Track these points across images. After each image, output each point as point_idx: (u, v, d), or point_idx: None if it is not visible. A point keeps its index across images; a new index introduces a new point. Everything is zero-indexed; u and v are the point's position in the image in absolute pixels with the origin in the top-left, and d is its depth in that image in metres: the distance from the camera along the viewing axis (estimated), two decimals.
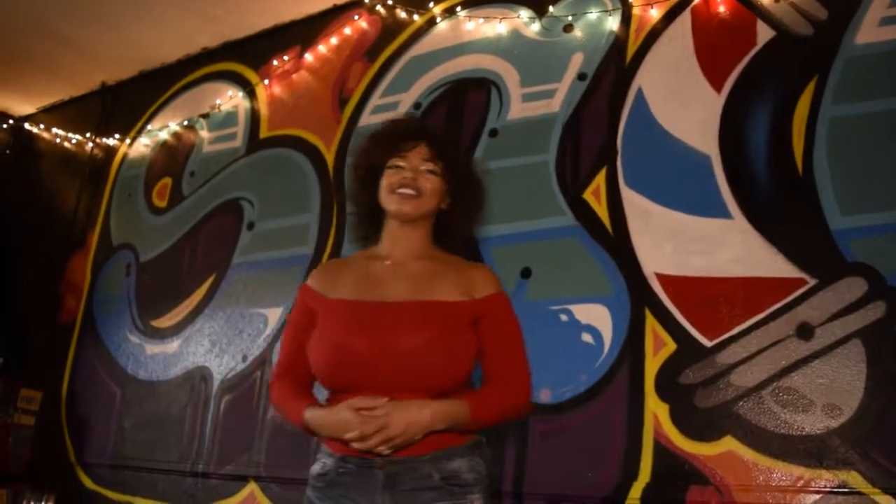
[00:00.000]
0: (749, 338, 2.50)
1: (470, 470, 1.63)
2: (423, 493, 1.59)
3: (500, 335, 1.74)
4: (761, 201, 2.65)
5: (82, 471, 4.14)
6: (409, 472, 1.60)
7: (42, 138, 5.55)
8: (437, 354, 1.63)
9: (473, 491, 1.62)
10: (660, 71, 3.00)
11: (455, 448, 1.63)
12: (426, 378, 1.62)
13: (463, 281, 1.75)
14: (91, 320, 4.54)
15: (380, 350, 1.62)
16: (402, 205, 1.77)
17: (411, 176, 1.78)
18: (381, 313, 1.68)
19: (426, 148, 1.81)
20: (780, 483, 2.32)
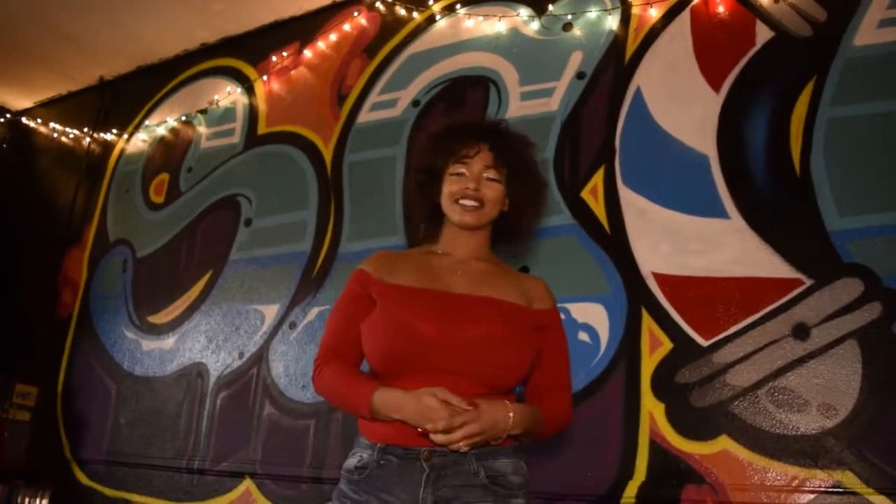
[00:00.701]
0: (745, 337, 2.51)
1: (515, 472, 1.61)
2: (468, 490, 1.55)
3: (557, 350, 1.75)
4: (759, 202, 2.65)
5: (78, 467, 4.14)
6: (453, 466, 1.55)
7: (39, 133, 5.54)
8: (502, 348, 1.61)
9: (518, 495, 1.59)
10: (659, 70, 3.00)
11: (501, 448, 1.60)
12: (490, 369, 1.59)
13: (523, 289, 1.76)
14: (87, 316, 4.53)
15: (447, 335, 1.59)
16: (464, 215, 1.74)
17: (474, 186, 1.73)
18: (448, 302, 1.66)
19: (489, 153, 1.76)
20: (776, 482, 2.33)
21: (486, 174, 1.75)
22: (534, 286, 1.78)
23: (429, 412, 1.50)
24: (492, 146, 1.76)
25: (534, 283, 1.80)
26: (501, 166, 1.75)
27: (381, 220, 3.48)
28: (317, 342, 3.43)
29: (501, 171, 1.75)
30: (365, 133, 3.73)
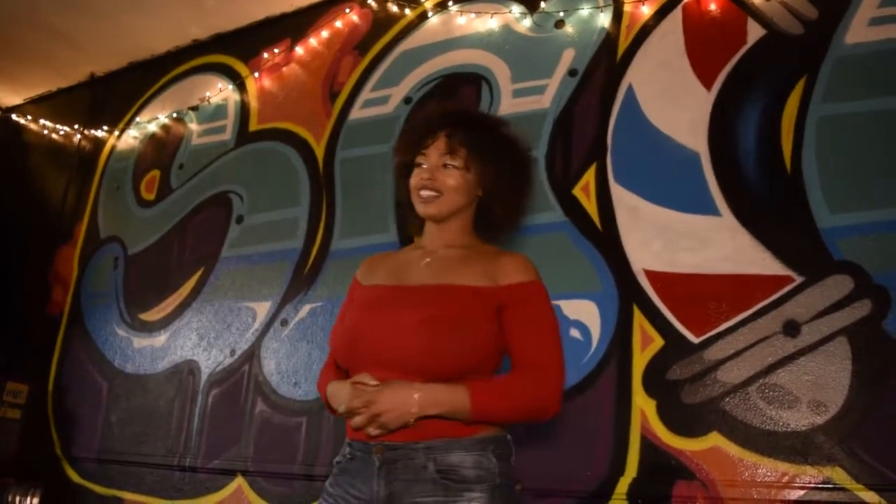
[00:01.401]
0: (736, 334, 2.51)
1: (474, 466, 1.51)
2: (417, 484, 1.50)
3: (526, 324, 1.60)
4: (750, 199, 2.66)
5: (69, 465, 4.12)
6: (404, 460, 1.52)
7: (29, 130, 5.51)
8: (435, 333, 1.54)
9: (473, 489, 1.49)
10: (650, 68, 3.01)
11: (456, 440, 1.52)
12: (427, 358, 1.53)
13: (491, 268, 1.65)
14: (78, 313, 4.52)
15: (384, 328, 1.59)
16: (425, 207, 1.72)
17: (428, 176, 1.70)
18: (397, 295, 1.66)
19: (444, 140, 1.71)
20: (766, 479, 2.34)
21: (443, 161, 1.71)
22: (505, 262, 1.67)
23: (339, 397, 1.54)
24: (449, 133, 1.72)
25: (507, 260, 1.68)
26: (461, 152, 1.70)
27: (373, 217, 3.47)
28: (308, 339, 3.44)
29: (461, 156, 1.70)
30: (357, 130, 3.72)
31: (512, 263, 1.66)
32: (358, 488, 1.55)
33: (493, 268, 1.65)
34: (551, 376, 1.58)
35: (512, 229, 1.82)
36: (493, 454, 1.54)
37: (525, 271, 1.65)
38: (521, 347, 1.60)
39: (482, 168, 1.71)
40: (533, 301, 1.63)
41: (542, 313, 1.63)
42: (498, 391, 1.55)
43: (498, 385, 1.56)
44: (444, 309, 1.58)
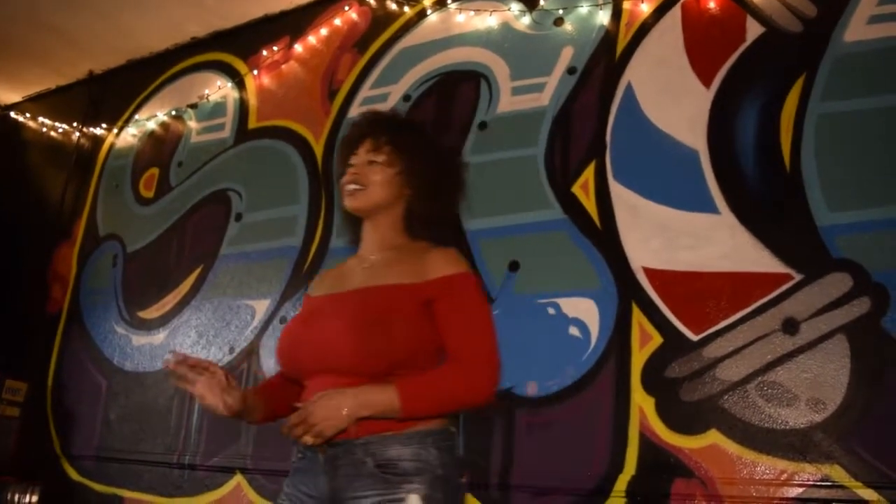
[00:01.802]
0: (735, 332, 2.52)
1: (413, 458, 1.54)
2: (358, 479, 1.54)
3: (454, 316, 1.63)
4: (749, 197, 2.66)
5: (68, 462, 4.12)
6: (345, 456, 1.56)
7: (28, 127, 5.50)
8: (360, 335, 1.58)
9: (412, 481, 1.52)
10: (649, 66, 3.01)
11: (393, 435, 1.55)
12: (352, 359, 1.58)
13: (420, 264, 1.68)
14: (77, 311, 4.52)
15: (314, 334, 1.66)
16: (349, 200, 1.76)
17: (354, 171, 1.76)
18: (330, 302, 1.72)
19: (371, 140, 1.77)
20: (764, 476, 2.34)
21: (369, 158, 1.75)
22: (433, 257, 1.68)
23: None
24: (374, 133, 1.78)
25: (434, 254, 1.69)
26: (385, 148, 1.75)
27: None
28: None
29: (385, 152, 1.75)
30: None
31: (439, 257, 1.68)
32: (307, 485, 1.62)
33: (421, 264, 1.68)
34: (480, 365, 1.61)
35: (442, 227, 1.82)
36: (432, 446, 1.57)
37: (452, 264, 1.67)
38: (451, 339, 1.62)
39: (407, 164, 1.75)
40: (460, 292, 1.65)
41: (471, 303, 1.65)
42: (426, 386, 1.58)
43: (427, 380, 1.59)
44: (369, 310, 1.62)
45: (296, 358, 1.69)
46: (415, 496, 1.50)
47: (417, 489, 1.51)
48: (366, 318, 1.60)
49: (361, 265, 1.78)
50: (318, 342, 1.63)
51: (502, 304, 2.97)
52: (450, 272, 1.65)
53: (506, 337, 2.92)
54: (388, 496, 1.51)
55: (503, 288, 2.99)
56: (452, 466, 1.59)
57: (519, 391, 2.82)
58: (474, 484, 2.79)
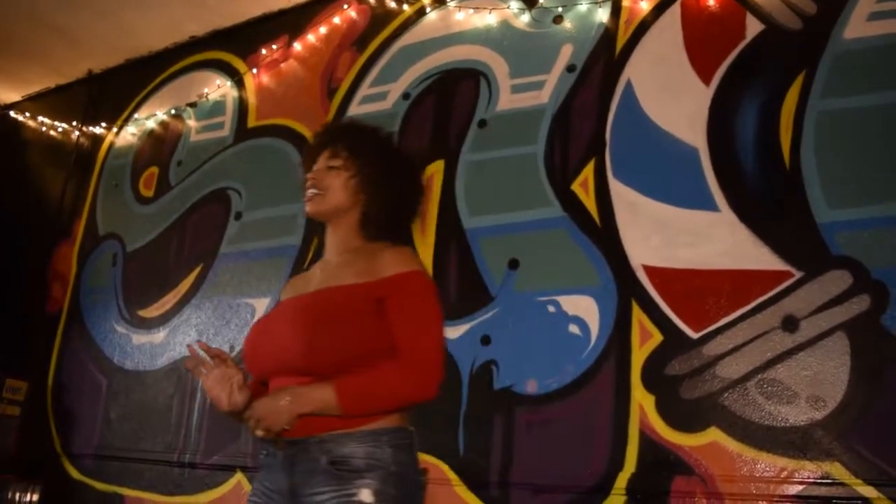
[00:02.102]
0: (735, 330, 2.52)
1: (367, 456, 1.59)
2: (314, 476, 1.60)
3: (402, 314, 1.67)
4: (749, 194, 2.66)
5: (68, 461, 4.13)
6: (302, 454, 1.62)
7: (27, 126, 5.50)
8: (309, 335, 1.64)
9: (364, 476, 1.56)
10: (649, 63, 3.00)
11: (347, 433, 1.61)
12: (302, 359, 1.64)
13: (373, 264, 1.73)
14: (77, 310, 4.52)
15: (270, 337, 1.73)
16: (308, 205, 1.82)
17: (313, 176, 1.82)
18: (288, 306, 1.78)
19: (330, 148, 1.84)
20: (765, 474, 2.34)
21: (328, 164, 1.82)
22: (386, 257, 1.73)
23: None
24: (333, 140, 1.85)
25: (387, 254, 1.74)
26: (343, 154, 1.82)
27: None
28: None
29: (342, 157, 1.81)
30: None
31: (391, 257, 1.72)
32: (270, 481, 1.68)
33: (374, 264, 1.72)
34: (422, 363, 1.64)
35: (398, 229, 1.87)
36: (387, 444, 1.62)
37: (404, 263, 1.71)
38: (398, 336, 1.66)
39: (362, 168, 1.81)
40: (409, 291, 1.69)
41: (419, 302, 1.70)
42: (366, 384, 1.62)
43: (367, 378, 1.62)
44: (321, 311, 1.68)
45: (257, 360, 1.76)
46: (367, 490, 1.55)
47: (369, 484, 1.56)
48: (317, 319, 1.66)
49: (322, 269, 1.84)
50: (274, 344, 1.70)
51: (502, 302, 2.97)
52: (401, 270, 1.70)
53: (505, 335, 2.94)
54: (341, 491, 1.55)
55: (503, 286, 2.99)
56: (409, 464, 1.64)
57: (519, 389, 2.83)
58: (474, 482, 2.80)
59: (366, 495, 1.54)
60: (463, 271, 3.12)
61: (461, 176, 3.28)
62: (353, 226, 1.84)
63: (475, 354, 2.95)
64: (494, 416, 2.84)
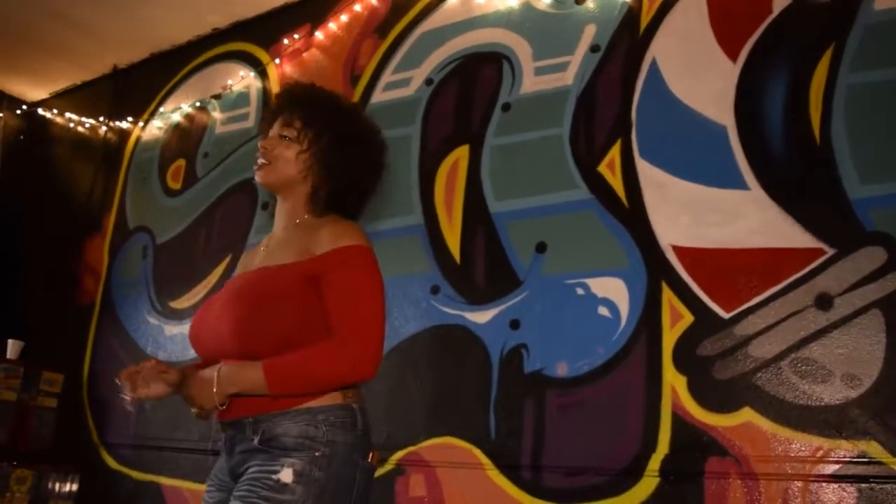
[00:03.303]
0: (767, 309, 2.49)
1: (299, 435, 1.55)
2: (249, 454, 1.60)
3: (334, 291, 1.62)
4: (778, 171, 2.62)
5: (105, 451, 4.20)
6: (239, 435, 1.63)
7: (55, 123, 5.57)
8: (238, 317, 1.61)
9: (290, 455, 1.54)
10: (674, 41, 2.96)
11: (278, 413, 1.58)
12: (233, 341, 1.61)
13: (310, 241, 1.67)
14: (110, 302, 4.58)
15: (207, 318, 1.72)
16: (256, 175, 1.79)
17: (264, 144, 1.78)
18: (227, 286, 1.75)
19: (285, 115, 1.79)
20: (800, 453, 2.32)
21: (282, 132, 1.77)
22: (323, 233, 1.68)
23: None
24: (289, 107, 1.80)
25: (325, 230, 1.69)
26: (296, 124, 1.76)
27: (398, 200, 3.47)
28: None
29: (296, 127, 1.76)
30: (379, 113, 3.71)
31: (328, 233, 1.67)
32: (221, 461, 1.72)
33: (311, 241, 1.67)
34: (355, 341, 1.59)
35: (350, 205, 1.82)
36: (323, 423, 1.57)
37: (340, 238, 1.65)
38: (332, 314, 1.61)
39: (317, 142, 1.75)
40: (343, 266, 1.63)
41: (353, 277, 1.63)
42: (295, 364, 1.57)
43: (297, 358, 1.58)
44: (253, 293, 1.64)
45: (199, 343, 1.74)
46: (288, 470, 1.52)
47: (293, 463, 1.53)
48: (251, 302, 1.62)
49: (267, 245, 1.81)
50: (213, 327, 1.68)
51: (530, 286, 2.97)
52: (335, 246, 1.64)
53: (534, 318, 2.94)
54: (265, 466, 1.54)
55: (531, 270, 2.99)
56: (344, 445, 1.59)
57: (549, 372, 2.82)
58: (506, 466, 2.80)
59: (286, 475, 1.51)
60: (490, 256, 3.12)
61: (486, 160, 3.27)
62: (302, 199, 1.79)
63: (504, 339, 2.96)
64: (525, 399, 2.84)
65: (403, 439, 3.08)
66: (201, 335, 1.74)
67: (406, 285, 3.30)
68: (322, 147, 1.75)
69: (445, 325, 3.14)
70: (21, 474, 3.91)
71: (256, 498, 1.50)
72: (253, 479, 1.54)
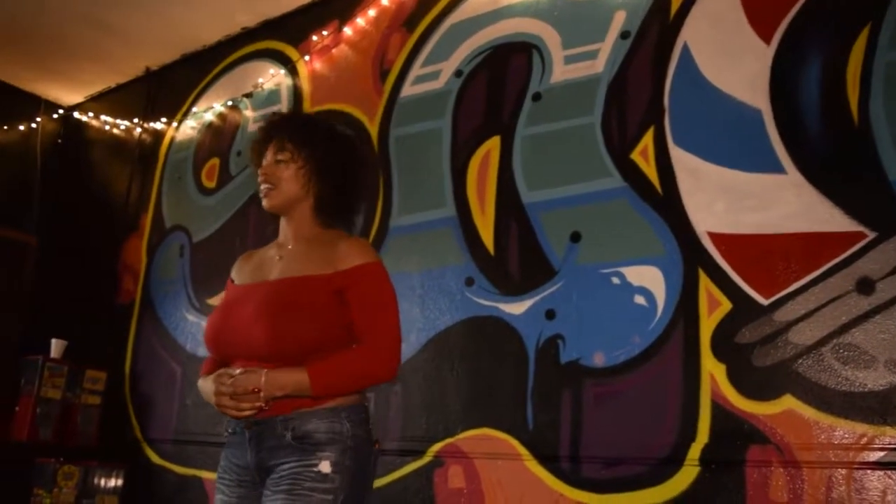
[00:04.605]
0: (807, 294, 2.45)
1: (328, 431, 1.78)
2: (278, 450, 1.79)
3: (362, 303, 1.86)
4: (816, 154, 2.57)
5: (148, 446, 4.28)
6: (268, 431, 1.80)
7: (91, 126, 5.66)
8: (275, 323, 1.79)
9: (324, 449, 1.76)
10: (705, 25, 2.92)
11: (309, 411, 1.79)
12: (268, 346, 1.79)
13: (332, 255, 1.89)
14: (149, 301, 4.66)
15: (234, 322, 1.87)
16: (265, 201, 1.97)
17: (264, 171, 1.96)
18: (250, 292, 1.92)
19: (275, 142, 1.97)
20: (843, 441, 2.29)
21: (276, 157, 1.95)
22: (344, 249, 1.90)
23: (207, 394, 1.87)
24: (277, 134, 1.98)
25: (345, 246, 1.91)
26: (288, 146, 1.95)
27: (430, 193, 3.48)
28: None
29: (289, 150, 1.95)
30: (409, 106, 3.73)
31: (348, 249, 1.90)
32: (237, 457, 1.88)
33: (333, 255, 1.89)
34: (383, 349, 1.85)
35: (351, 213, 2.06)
36: (346, 420, 1.82)
37: (360, 255, 1.89)
38: (359, 323, 1.85)
39: (310, 157, 1.95)
40: (367, 282, 1.87)
41: (377, 292, 1.89)
42: (335, 367, 1.81)
43: (335, 362, 1.81)
44: (283, 300, 1.84)
45: (220, 344, 1.91)
46: (326, 462, 1.75)
47: (328, 456, 1.76)
48: (279, 308, 1.82)
49: (278, 255, 1.99)
50: (238, 331, 1.85)
51: (565, 276, 2.96)
52: (358, 262, 1.88)
53: (570, 308, 2.93)
54: (303, 462, 1.75)
55: (565, 259, 2.97)
56: (363, 437, 1.85)
57: (586, 362, 2.81)
58: (544, 457, 2.80)
59: (325, 466, 1.75)
60: (524, 247, 3.11)
61: (518, 151, 3.26)
62: (308, 213, 1.99)
63: (540, 329, 2.95)
64: (562, 389, 2.83)
65: (441, 431, 3.09)
66: (226, 339, 1.89)
67: (440, 278, 3.30)
68: (316, 159, 1.96)
69: (480, 316, 3.14)
70: (68, 470, 4.00)
71: (302, 490, 1.72)
72: (293, 474, 1.75)
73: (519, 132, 3.28)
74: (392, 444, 3.19)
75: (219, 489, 1.93)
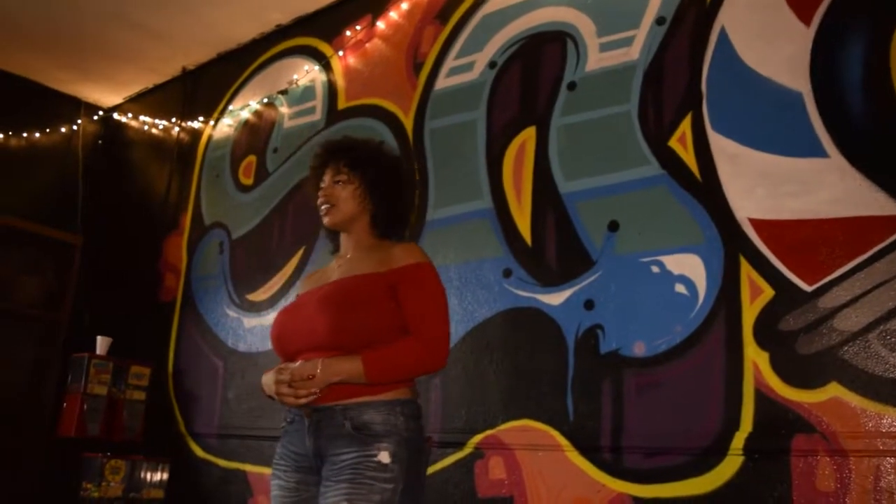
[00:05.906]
0: (852, 280, 2.40)
1: (384, 423, 1.88)
2: (338, 439, 1.88)
3: (413, 299, 1.98)
4: (859, 137, 2.52)
5: (192, 440, 4.35)
6: (327, 420, 1.90)
7: (130, 126, 5.76)
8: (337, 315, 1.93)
9: (382, 440, 1.86)
10: (743, 7, 2.87)
11: (367, 402, 1.90)
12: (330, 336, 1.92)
13: (386, 257, 2.05)
14: (190, 298, 4.73)
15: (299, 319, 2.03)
16: (325, 219, 2.14)
17: (323, 192, 2.14)
18: (313, 294, 2.07)
19: (332, 165, 2.15)
20: (892, 429, 2.24)
21: (334, 179, 2.13)
22: (396, 251, 2.06)
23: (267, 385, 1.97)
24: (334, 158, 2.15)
25: (398, 249, 2.07)
26: (344, 169, 2.13)
27: (466, 185, 3.48)
28: None
29: (345, 171, 2.13)
30: (444, 99, 3.73)
31: (402, 251, 2.06)
32: (295, 445, 1.98)
33: (386, 257, 2.05)
34: (433, 339, 1.96)
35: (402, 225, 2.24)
36: (400, 414, 1.92)
37: (411, 255, 2.04)
38: (411, 318, 1.97)
39: (365, 178, 2.13)
40: (419, 279, 2.01)
41: (428, 288, 2.02)
42: (388, 356, 1.92)
43: (389, 351, 1.92)
44: (343, 295, 1.99)
45: (285, 341, 2.04)
46: (385, 452, 1.85)
47: (387, 447, 1.86)
48: (340, 302, 1.96)
49: (338, 264, 2.17)
50: (303, 327, 1.99)
51: (604, 266, 2.94)
52: (409, 262, 2.03)
53: (609, 298, 2.91)
54: (363, 452, 1.84)
55: (604, 249, 2.96)
56: (416, 431, 1.95)
57: (626, 352, 2.79)
58: (586, 447, 2.79)
59: (384, 456, 1.84)
60: (562, 237, 3.10)
61: (554, 141, 3.24)
62: (365, 227, 2.16)
63: (580, 320, 2.94)
64: (603, 380, 2.82)
65: (481, 423, 3.10)
66: (289, 336, 2.03)
67: (478, 270, 3.31)
68: (370, 179, 2.13)
69: (519, 307, 3.14)
70: (115, 464, 4.08)
71: (364, 479, 1.82)
72: (354, 463, 1.84)
73: (554, 122, 3.26)
74: (433, 436, 3.20)
75: (275, 475, 2.03)
